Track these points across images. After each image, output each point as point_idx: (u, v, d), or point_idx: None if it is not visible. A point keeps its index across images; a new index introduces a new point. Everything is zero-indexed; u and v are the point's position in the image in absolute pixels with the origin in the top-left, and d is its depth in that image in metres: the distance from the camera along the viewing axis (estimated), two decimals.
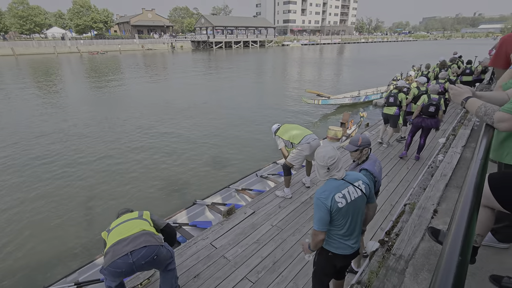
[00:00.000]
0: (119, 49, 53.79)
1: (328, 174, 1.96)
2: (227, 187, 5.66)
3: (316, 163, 1.99)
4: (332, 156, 1.92)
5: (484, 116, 1.38)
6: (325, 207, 1.88)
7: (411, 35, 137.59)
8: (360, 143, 2.53)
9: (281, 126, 4.77)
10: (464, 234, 0.62)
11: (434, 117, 5.45)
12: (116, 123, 11.58)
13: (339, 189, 1.93)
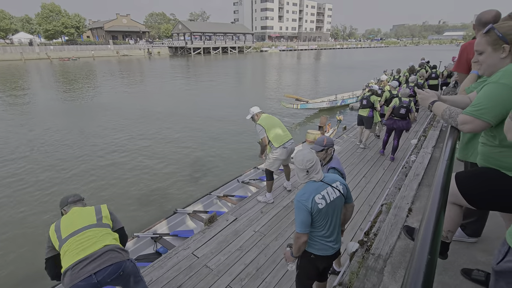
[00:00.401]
0: (92, 55, 51.94)
1: (308, 176, 1.99)
2: (209, 194, 5.58)
3: (295, 167, 2.03)
4: (310, 159, 1.96)
5: (449, 118, 1.46)
6: (306, 209, 1.91)
7: (383, 41, 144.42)
8: (325, 143, 2.70)
9: (263, 114, 4.52)
10: (432, 234, 0.65)
11: (405, 119, 5.77)
12: (90, 133, 11.09)
13: (318, 190, 1.97)
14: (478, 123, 1.32)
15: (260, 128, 4.40)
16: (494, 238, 2.30)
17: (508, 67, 1.32)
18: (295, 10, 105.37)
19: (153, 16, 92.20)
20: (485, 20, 2.13)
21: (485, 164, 1.51)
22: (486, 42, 1.40)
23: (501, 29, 1.33)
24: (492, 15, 2.13)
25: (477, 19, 2.25)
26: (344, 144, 7.37)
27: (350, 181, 5.37)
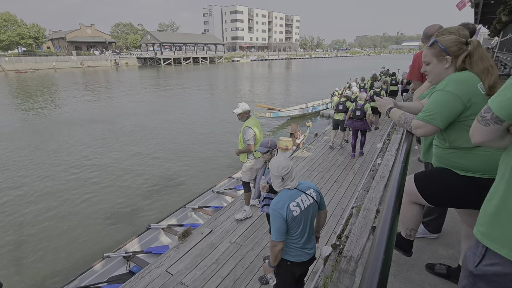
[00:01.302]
0: (53, 66, 49.05)
1: (282, 184, 2.01)
2: (183, 207, 5.43)
3: (271, 174, 2.05)
4: (285, 166, 1.98)
5: (404, 124, 1.57)
6: (281, 217, 1.93)
7: (348, 51, 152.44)
8: (270, 145, 2.87)
9: (251, 117, 4.21)
10: (387, 235, 0.68)
11: (362, 120, 6.51)
12: (51, 150, 10.34)
13: (292, 198, 1.99)
14: (429, 127, 1.43)
15: (251, 134, 4.05)
16: (453, 232, 2.47)
17: (451, 76, 1.46)
18: (264, 21, 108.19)
19: (119, 26, 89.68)
20: (430, 33, 2.34)
21: (439, 164, 1.64)
22: (431, 54, 1.53)
23: (443, 42, 1.48)
24: (436, 28, 2.34)
25: (423, 33, 2.47)
26: (316, 150, 7.58)
27: (323, 186, 5.51)
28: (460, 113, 1.38)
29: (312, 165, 6.55)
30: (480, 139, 0.95)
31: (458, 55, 1.44)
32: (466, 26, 2.23)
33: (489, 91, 1.33)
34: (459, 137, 1.44)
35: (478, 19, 13.08)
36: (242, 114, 4.14)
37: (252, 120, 4.18)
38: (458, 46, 1.44)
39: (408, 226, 1.78)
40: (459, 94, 1.35)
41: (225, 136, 11.86)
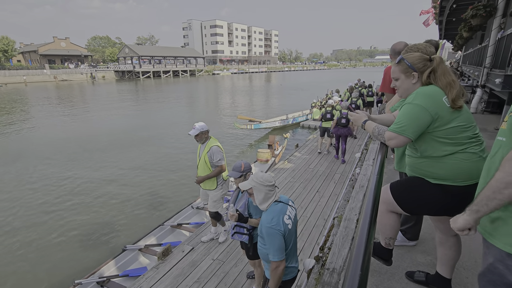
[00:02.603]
0: (24, 80, 46.87)
1: (268, 198, 1.95)
2: (162, 225, 5.21)
3: (259, 188, 1.95)
4: (269, 178, 1.95)
5: (378, 135, 1.63)
6: (280, 233, 1.86)
7: (325, 64, 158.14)
8: (243, 169, 2.66)
9: (212, 137, 3.87)
10: (363, 251, 0.68)
11: (346, 126, 7.09)
12: (16, 171, 9.58)
13: (283, 211, 1.94)
14: (401, 138, 1.49)
15: (220, 153, 3.69)
16: (429, 239, 2.54)
17: (418, 90, 1.54)
18: (244, 35, 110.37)
19: (96, 39, 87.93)
20: (398, 50, 2.47)
21: (412, 173, 1.69)
22: (399, 70, 1.62)
23: (409, 59, 1.57)
24: (402, 45, 2.48)
25: (391, 49, 2.61)
26: (297, 161, 7.66)
27: (305, 197, 5.54)
28: (429, 125, 1.44)
29: (294, 176, 6.60)
30: None
31: (423, 71, 1.53)
32: (430, 42, 2.38)
33: (452, 104, 1.41)
34: (429, 147, 1.50)
35: (442, 35, 14.08)
36: (200, 135, 3.70)
37: (215, 140, 3.83)
38: (423, 63, 1.53)
39: (387, 235, 1.81)
40: (426, 106, 1.42)
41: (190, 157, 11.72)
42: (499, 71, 5.64)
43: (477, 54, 9.95)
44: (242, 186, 2.03)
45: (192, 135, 3.69)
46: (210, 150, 3.67)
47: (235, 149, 11.90)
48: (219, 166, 3.69)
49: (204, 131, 3.71)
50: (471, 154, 1.43)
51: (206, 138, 3.77)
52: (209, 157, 3.66)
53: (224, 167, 3.76)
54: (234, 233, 2.67)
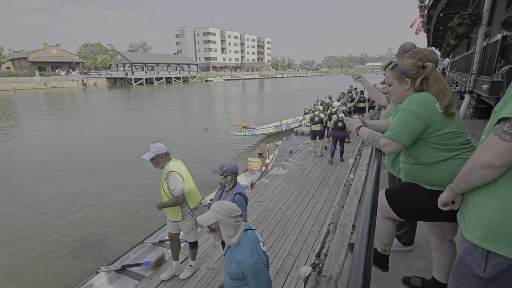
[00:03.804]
0: (13, 88, 46.05)
1: (237, 230, 1.72)
2: (142, 243, 4.83)
3: (225, 220, 1.69)
4: (235, 208, 1.74)
5: (373, 142, 1.64)
6: (266, 266, 1.73)
7: (318, 71, 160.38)
8: (225, 169, 2.77)
9: (172, 159, 3.28)
10: (364, 260, 0.68)
11: (343, 129, 7.44)
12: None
13: (255, 237, 1.78)
14: (396, 145, 1.51)
15: (178, 181, 3.10)
16: (424, 244, 2.55)
17: (412, 97, 1.56)
18: (236, 42, 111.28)
19: (88, 46, 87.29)
20: (408, 48, 2.51)
21: (407, 179, 1.71)
22: (392, 76, 1.65)
23: (403, 66, 1.60)
24: (412, 45, 2.55)
25: (401, 48, 2.64)
26: (291, 167, 7.67)
27: (300, 203, 5.54)
28: (423, 131, 1.47)
29: (288, 182, 6.59)
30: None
31: (416, 78, 1.56)
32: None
33: (445, 111, 1.44)
34: (423, 153, 1.52)
35: (430, 42, 14.46)
36: (156, 159, 3.11)
37: (176, 163, 3.22)
38: (416, 70, 1.56)
39: (383, 242, 1.82)
40: (420, 113, 1.45)
41: (192, 161, 11.66)
42: (485, 78, 5.80)
43: (464, 61, 10.23)
44: (202, 221, 1.73)
45: (147, 159, 3.07)
46: (166, 175, 3.10)
47: (228, 156, 11.85)
48: (174, 197, 3.12)
49: (161, 154, 3.10)
50: (464, 160, 1.45)
51: (164, 162, 3.16)
52: (166, 184, 3.11)
53: (180, 200, 3.14)
54: None
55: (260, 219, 5.00)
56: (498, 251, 0.92)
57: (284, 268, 3.64)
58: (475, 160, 0.98)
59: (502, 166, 0.89)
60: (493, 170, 0.91)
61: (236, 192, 2.76)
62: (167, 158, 3.19)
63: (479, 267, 0.97)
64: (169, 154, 3.23)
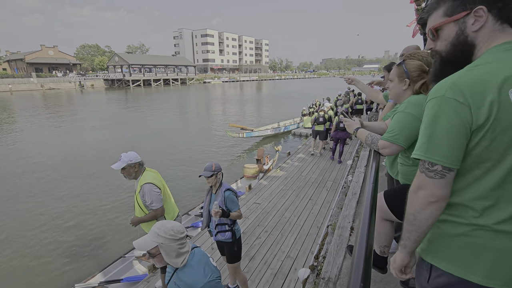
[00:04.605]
0: (9, 89, 45.78)
1: (182, 253, 1.53)
2: (123, 257, 4.54)
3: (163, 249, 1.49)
4: (180, 228, 1.56)
5: (371, 144, 1.64)
6: (220, 281, 1.61)
7: (315, 73, 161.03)
8: (214, 168, 2.72)
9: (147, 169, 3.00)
10: (363, 263, 0.68)
11: (344, 130, 7.59)
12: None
13: (205, 254, 1.64)
14: (394, 147, 1.51)
15: (155, 193, 2.82)
16: None
17: (410, 99, 1.57)
18: (234, 44, 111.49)
19: (85, 48, 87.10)
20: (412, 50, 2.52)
21: (405, 181, 1.71)
22: (395, 73, 1.66)
23: (408, 65, 1.61)
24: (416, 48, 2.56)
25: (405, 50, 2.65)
26: (289, 168, 7.67)
27: (298, 204, 5.53)
28: None
29: (286, 184, 6.59)
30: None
31: (416, 81, 1.57)
32: None
33: None
34: None
35: None
36: (127, 170, 2.82)
37: (151, 174, 2.95)
38: (418, 73, 1.57)
39: (381, 243, 1.81)
40: (418, 115, 1.45)
41: (191, 163, 11.63)
42: None
43: None
44: (139, 246, 1.51)
45: (117, 169, 2.78)
46: (141, 188, 2.81)
47: (226, 158, 11.83)
48: (152, 210, 2.84)
49: (133, 164, 2.81)
50: None
51: (137, 173, 2.88)
52: (141, 198, 2.82)
53: (159, 212, 2.87)
54: (217, 233, 2.78)
55: (258, 221, 4.98)
56: (438, 264, 0.91)
57: (283, 270, 3.63)
58: (413, 203, 0.93)
59: (441, 200, 0.87)
60: (435, 206, 0.87)
61: (225, 189, 2.75)
62: (140, 169, 2.89)
63: (425, 279, 0.97)
64: (143, 164, 2.94)
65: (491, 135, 0.78)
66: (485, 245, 0.83)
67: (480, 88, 0.78)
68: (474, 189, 0.85)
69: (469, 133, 0.81)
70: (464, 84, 0.80)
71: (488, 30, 0.86)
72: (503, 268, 0.81)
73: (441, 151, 0.83)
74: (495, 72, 0.79)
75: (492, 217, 0.82)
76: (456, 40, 0.92)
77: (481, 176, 0.84)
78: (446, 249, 0.90)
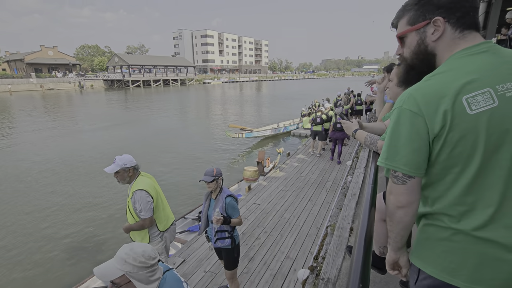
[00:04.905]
0: (9, 89, 45.75)
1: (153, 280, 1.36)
2: None
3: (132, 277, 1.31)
4: (152, 254, 1.38)
5: (370, 145, 1.65)
6: None
7: (315, 73, 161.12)
8: (216, 173, 2.65)
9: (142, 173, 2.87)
10: (362, 264, 0.68)
11: (341, 130, 7.57)
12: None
13: (178, 279, 1.51)
14: None
15: (147, 201, 2.66)
16: None
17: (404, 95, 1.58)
18: (234, 45, 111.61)
19: (85, 48, 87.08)
20: None
21: None
22: (395, 73, 1.67)
23: None
24: None
25: None
26: (289, 169, 7.67)
27: (298, 205, 5.53)
28: None
29: (286, 185, 6.59)
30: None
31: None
32: None
33: None
34: None
35: None
36: (121, 174, 2.68)
37: (146, 179, 2.79)
38: None
39: (381, 244, 1.82)
40: None
41: (190, 163, 11.63)
42: None
43: None
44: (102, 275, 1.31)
45: (110, 173, 2.64)
46: (133, 194, 2.66)
47: (225, 159, 11.83)
48: (141, 219, 2.68)
49: (127, 168, 2.66)
50: None
51: (131, 177, 2.74)
52: (133, 204, 2.68)
53: (147, 223, 2.70)
54: (216, 240, 2.71)
55: (258, 221, 4.98)
56: (424, 269, 0.94)
57: (282, 271, 3.63)
58: (387, 206, 0.97)
59: (406, 206, 0.90)
60: (402, 211, 0.91)
61: (226, 195, 2.68)
62: (134, 173, 2.75)
63: (413, 280, 1.01)
64: (138, 169, 2.80)
65: (451, 141, 0.81)
66: (467, 251, 0.85)
67: (434, 99, 0.81)
68: (449, 195, 0.87)
69: (427, 142, 0.84)
70: (419, 95, 0.84)
71: (448, 39, 0.89)
72: (485, 274, 0.83)
73: (400, 159, 0.87)
74: (449, 81, 0.82)
75: (469, 222, 0.84)
76: (417, 49, 0.95)
77: (452, 182, 0.86)
78: (432, 253, 0.92)
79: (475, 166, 0.81)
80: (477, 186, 0.82)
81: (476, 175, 0.82)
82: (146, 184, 2.72)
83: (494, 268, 0.82)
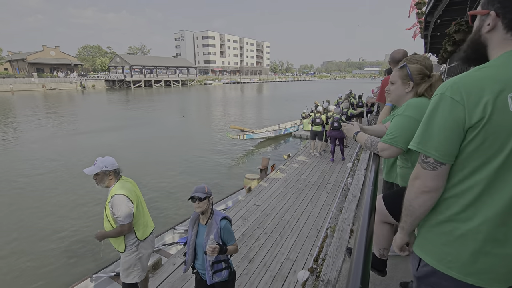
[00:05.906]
0: (11, 89, 45.93)
1: None
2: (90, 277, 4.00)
3: None
4: None
5: (371, 147, 1.65)
6: None
7: (316, 75, 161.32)
8: (207, 190, 2.24)
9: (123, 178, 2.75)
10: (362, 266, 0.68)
11: (338, 130, 7.80)
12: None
13: None
14: (393, 149, 1.52)
15: (128, 207, 2.55)
16: None
17: (409, 102, 1.59)
18: (235, 46, 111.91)
19: (86, 49, 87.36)
20: (397, 58, 2.57)
21: (404, 184, 1.72)
22: (398, 75, 1.68)
23: (411, 68, 1.63)
24: (401, 53, 2.59)
25: (390, 57, 2.69)
26: (289, 171, 7.67)
27: (298, 207, 5.53)
28: None
29: (286, 186, 6.59)
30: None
31: (419, 84, 1.59)
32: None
33: None
34: None
35: (427, 48, 14.61)
36: (101, 176, 2.57)
37: (126, 184, 2.69)
38: (421, 76, 1.60)
39: (381, 246, 1.82)
40: (417, 118, 1.46)
41: (189, 164, 11.63)
42: None
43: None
44: None
45: (89, 174, 2.54)
46: (111, 199, 2.55)
47: (225, 161, 11.81)
48: (119, 225, 2.56)
49: (108, 171, 2.57)
50: None
51: (111, 181, 2.63)
52: (110, 209, 2.57)
53: (126, 230, 2.57)
54: (213, 273, 2.22)
55: (258, 222, 4.98)
56: (424, 259, 1.00)
57: (282, 273, 3.62)
58: (410, 190, 1.00)
59: (432, 191, 0.93)
60: (427, 196, 0.94)
61: (221, 218, 2.24)
62: (114, 177, 2.64)
63: (414, 266, 1.07)
64: (119, 173, 2.70)
65: (484, 135, 0.82)
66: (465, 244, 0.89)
67: (478, 89, 0.81)
68: (460, 187, 0.90)
69: (462, 131, 0.85)
70: (463, 84, 0.84)
71: (499, 36, 0.88)
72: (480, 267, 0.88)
73: (434, 145, 0.89)
74: (498, 76, 0.81)
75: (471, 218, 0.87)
76: (473, 36, 0.97)
77: (467, 175, 0.88)
78: (432, 244, 0.98)
79: (496, 164, 0.82)
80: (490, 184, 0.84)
81: (494, 173, 0.83)
82: (126, 188, 2.61)
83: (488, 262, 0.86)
